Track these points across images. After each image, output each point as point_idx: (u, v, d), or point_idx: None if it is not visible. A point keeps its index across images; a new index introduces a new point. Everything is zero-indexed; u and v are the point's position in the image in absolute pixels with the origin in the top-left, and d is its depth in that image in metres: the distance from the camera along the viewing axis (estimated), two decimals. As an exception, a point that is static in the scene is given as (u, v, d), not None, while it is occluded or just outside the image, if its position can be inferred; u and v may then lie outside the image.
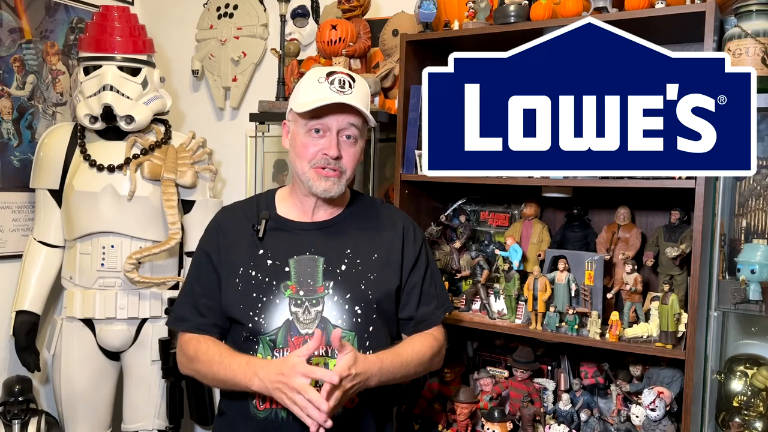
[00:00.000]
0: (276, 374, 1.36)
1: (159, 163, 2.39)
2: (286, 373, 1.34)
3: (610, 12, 1.79)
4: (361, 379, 1.39)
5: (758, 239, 1.77)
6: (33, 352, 2.41)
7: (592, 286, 1.85)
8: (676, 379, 1.78)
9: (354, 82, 1.51)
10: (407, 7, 2.31)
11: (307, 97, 1.49)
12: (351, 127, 1.51)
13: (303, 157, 1.51)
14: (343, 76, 1.50)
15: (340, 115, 1.49)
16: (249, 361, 1.43)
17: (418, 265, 1.60)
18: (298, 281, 1.49)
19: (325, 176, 1.50)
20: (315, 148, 1.50)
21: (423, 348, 1.56)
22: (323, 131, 1.50)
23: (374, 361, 1.43)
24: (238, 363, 1.43)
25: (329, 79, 1.49)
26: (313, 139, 1.50)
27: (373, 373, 1.42)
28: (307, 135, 1.51)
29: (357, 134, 1.53)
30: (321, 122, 1.49)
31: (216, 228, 1.60)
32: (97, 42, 2.39)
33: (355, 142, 1.53)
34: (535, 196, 2.10)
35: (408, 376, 1.54)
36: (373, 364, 1.42)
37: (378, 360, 1.44)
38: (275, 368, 1.37)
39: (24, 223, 2.58)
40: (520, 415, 1.88)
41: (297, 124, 1.53)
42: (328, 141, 1.49)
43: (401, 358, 1.50)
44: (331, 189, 1.51)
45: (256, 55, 2.79)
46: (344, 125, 1.50)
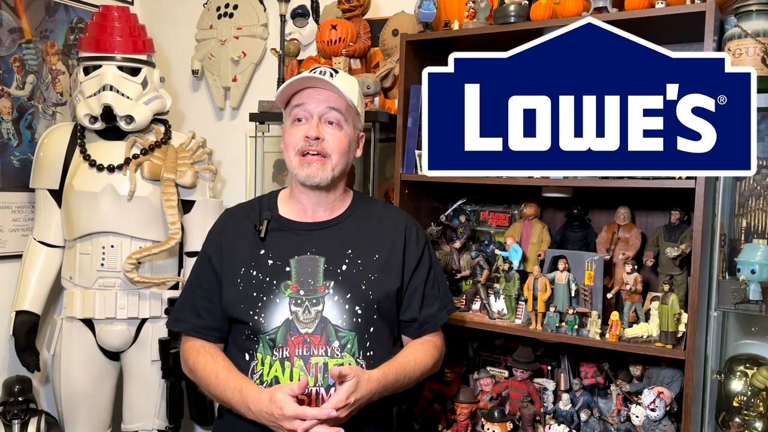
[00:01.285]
0: (267, 414, 1.37)
1: (159, 163, 2.39)
2: (278, 416, 1.35)
3: (610, 12, 1.79)
4: (361, 402, 1.40)
5: (758, 239, 1.77)
6: (33, 352, 2.41)
7: (592, 286, 1.85)
8: (676, 379, 1.78)
9: (337, 74, 1.53)
10: (407, 7, 2.31)
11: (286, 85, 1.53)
12: (332, 111, 1.52)
13: (289, 147, 1.54)
14: (326, 68, 1.53)
15: (321, 99, 1.51)
16: (241, 389, 1.42)
17: (421, 267, 1.60)
18: (298, 281, 1.49)
19: (308, 162, 1.51)
20: (298, 135, 1.52)
21: (425, 358, 1.56)
22: (305, 119, 1.52)
23: (378, 379, 1.43)
24: (231, 390, 1.43)
25: (310, 69, 1.53)
26: (296, 127, 1.53)
27: (376, 392, 1.42)
28: (292, 125, 1.54)
29: (340, 119, 1.53)
30: (302, 108, 1.52)
31: (218, 230, 1.61)
32: (97, 42, 2.39)
33: (340, 128, 1.53)
34: (535, 196, 2.09)
35: (409, 386, 1.55)
36: (377, 383, 1.42)
37: (382, 377, 1.44)
38: (266, 407, 1.37)
39: (24, 223, 2.58)
40: (520, 415, 1.88)
41: (286, 120, 1.57)
42: (308, 125, 1.51)
43: (405, 370, 1.50)
44: (315, 174, 1.51)
45: (256, 55, 2.79)
46: (324, 110, 1.52)
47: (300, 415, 1.34)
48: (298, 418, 1.34)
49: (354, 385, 1.36)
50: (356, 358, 1.46)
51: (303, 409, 1.35)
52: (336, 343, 1.45)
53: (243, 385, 1.43)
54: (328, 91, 1.51)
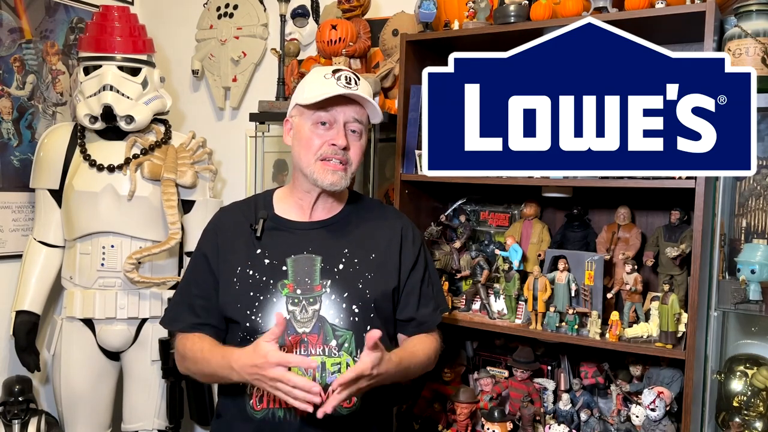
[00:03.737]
0: (251, 366, 1.34)
1: (159, 163, 2.39)
2: (261, 365, 1.32)
3: (610, 12, 1.78)
4: (380, 379, 1.39)
5: (758, 239, 1.77)
6: (33, 352, 2.41)
7: (592, 286, 1.85)
8: (676, 379, 1.78)
9: (359, 80, 1.53)
10: (407, 7, 2.31)
11: (314, 91, 1.50)
12: (356, 122, 1.52)
13: (309, 149, 1.51)
14: (348, 73, 1.52)
15: (346, 107, 1.50)
16: (224, 353, 1.42)
17: (417, 267, 1.60)
18: (295, 280, 1.49)
19: (333, 169, 1.50)
20: (321, 140, 1.50)
21: (430, 350, 1.58)
22: (330, 123, 1.50)
23: (396, 362, 1.43)
24: (215, 357, 1.43)
25: (335, 76, 1.50)
26: (320, 131, 1.51)
27: (392, 374, 1.42)
28: (313, 127, 1.51)
29: (361, 129, 1.54)
30: (328, 114, 1.50)
31: (214, 229, 1.60)
32: (97, 42, 2.39)
33: (360, 137, 1.54)
34: (535, 196, 2.09)
35: (414, 376, 1.55)
36: (396, 365, 1.42)
37: (399, 360, 1.44)
38: (248, 359, 1.35)
39: (24, 223, 2.58)
40: (520, 415, 1.88)
41: (302, 117, 1.53)
42: (336, 131, 1.50)
43: (414, 358, 1.51)
44: (338, 183, 1.51)
45: (256, 55, 2.79)
46: (350, 119, 1.51)
47: (283, 362, 1.31)
48: (281, 364, 1.31)
49: (380, 358, 1.35)
50: (354, 357, 1.46)
51: (287, 356, 1.33)
52: (333, 342, 1.45)
53: (226, 350, 1.43)
54: (355, 101, 1.51)
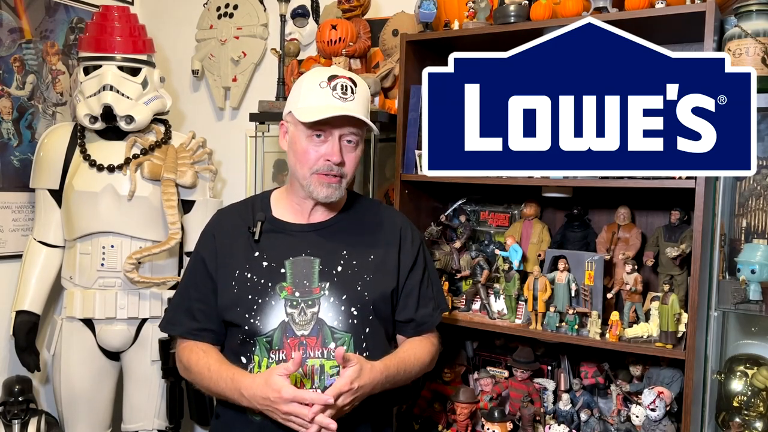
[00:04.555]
0: (262, 398, 1.36)
1: (159, 163, 2.39)
2: (274, 399, 1.34)
3: (610, 12, 1.79)
4: (364, 391, 1.39)
5: (758, 239, 1.77)
6: (33, 352, 2.41)
7: (592, 286, 1.85)
8: (676, 379, 1.78)
9: (356, 87, 1.50)
10: (407, 7, 2.31)
11: (309, 102, 1.48)
12: (351, 134, 1.50)
13: (304, 163, 1.49)
14: (345, 81, 1.49)
15: (343, 119, 1.48)
16: (233, 377, 1.42)
17: (416, 268, 1.60)
18: (293, 282, 1.48)
19: (328, 182, 1.49)
20: (317, 154, 1.48)
21: (424, 354, 1.57)
22: (325, 136, 1.48)
23: (381, 370, 1.43)
24: (224, 379, 1.43)
25: (331, 84, 1.47)
26: (315, 144, 1.48)
27: (378, 383, 1.42)
28: (308, 140, 1.49)
29: (357, 139, 1.52)
30: (323, 128, 1.48)
31: (211, 232, 1.59)
32: (97, 42, 2.39)
33: (356, 147, 1.52)
34: (535, 196, 2.09)
35: (407, 381, 1.55)
36: (380, 373, 1.42)
37: (384, 368, 1.44)
38: (260, 391, 1.36)
39: (24, 223, 2.58)
40: (520, 415, 1.88)
41: (297, 128, 1.51)
42: (331, 146, 1.48)
43: (405, 364, 1.51)
44: (332, 195, 1.51)
45: (256, 55, 2.79)
46: (345, 131, 1.49)
47: (298, 399, 1.33)
48: (295, 401, 1.33)
49: (357, 372, 1.36)
50: None
51: (301, 393, 1.34)
52: (332, 344, 1.45)
53: (235, 372, 1.43)
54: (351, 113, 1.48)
